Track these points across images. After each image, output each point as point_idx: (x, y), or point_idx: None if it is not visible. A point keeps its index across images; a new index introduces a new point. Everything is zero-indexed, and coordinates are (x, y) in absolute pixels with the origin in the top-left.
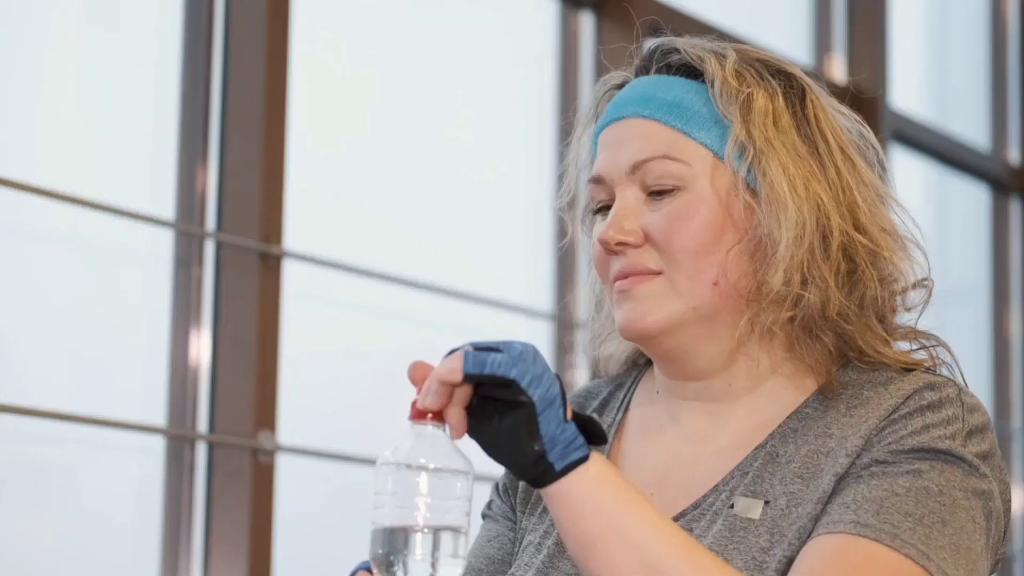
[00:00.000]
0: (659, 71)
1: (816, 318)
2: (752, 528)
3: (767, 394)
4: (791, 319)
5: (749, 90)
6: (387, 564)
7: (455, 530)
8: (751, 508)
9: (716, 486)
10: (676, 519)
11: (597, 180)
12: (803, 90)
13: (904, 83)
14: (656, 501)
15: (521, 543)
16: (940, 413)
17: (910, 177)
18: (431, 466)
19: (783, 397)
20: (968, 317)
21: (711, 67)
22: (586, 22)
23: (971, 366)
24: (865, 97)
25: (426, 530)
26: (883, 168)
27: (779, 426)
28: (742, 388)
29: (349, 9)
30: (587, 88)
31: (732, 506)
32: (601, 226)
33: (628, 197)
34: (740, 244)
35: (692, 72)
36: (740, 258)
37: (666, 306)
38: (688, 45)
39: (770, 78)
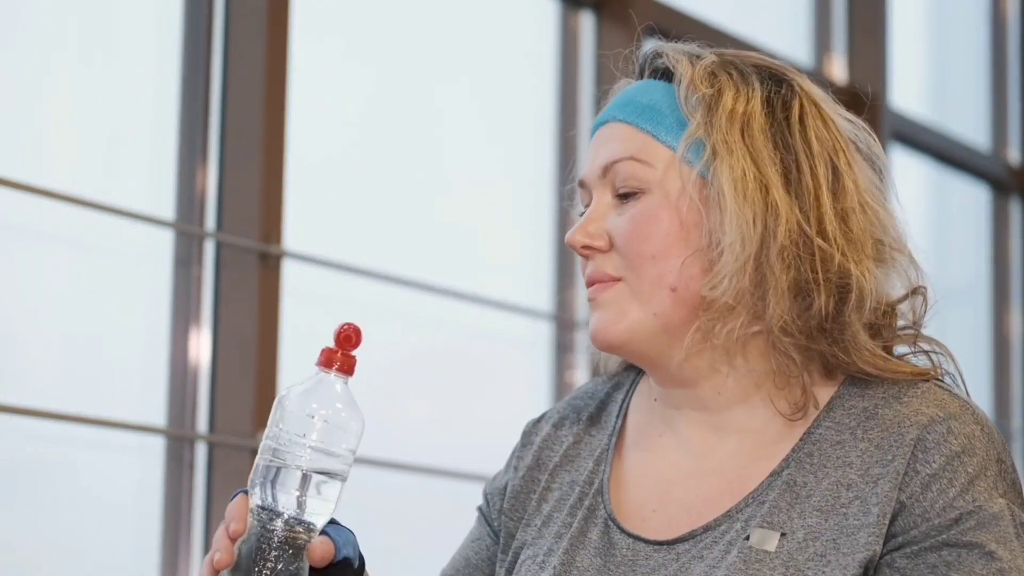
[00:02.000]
0: (648, 76)
1: (776, 331)
2: (767, 560)
3: (762, 406)
4: (758, 332)
5: (715, 90)
6: (260, 493)
7: (330, 475)
8: (767, 540)
9: (729, 512)
10: (684, 539)
11: (581, 184)
12: (792, 96)
13: (904, 83)
14: (659, 518)
15: (513, 554)
16: (975, 458)
17: (910, 177)
18: (322, 412)
19: (778, 410)
20: (968, 317)
21: (681, 68)
22: (586, 22)
23: (971, 366)
24: (865, 97)
25: (302, 471)
26: (884, 178)
27: (793, 450)
28: (732, 398)
29: (349, 9)
30: (587, 88)
31: (747, 538)
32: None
33: (600, 201)
34: (698, 250)
35: (672, 75)
36: (696, 264)
37: (628, 314)
38: (671, 48)
39: (756, 82)
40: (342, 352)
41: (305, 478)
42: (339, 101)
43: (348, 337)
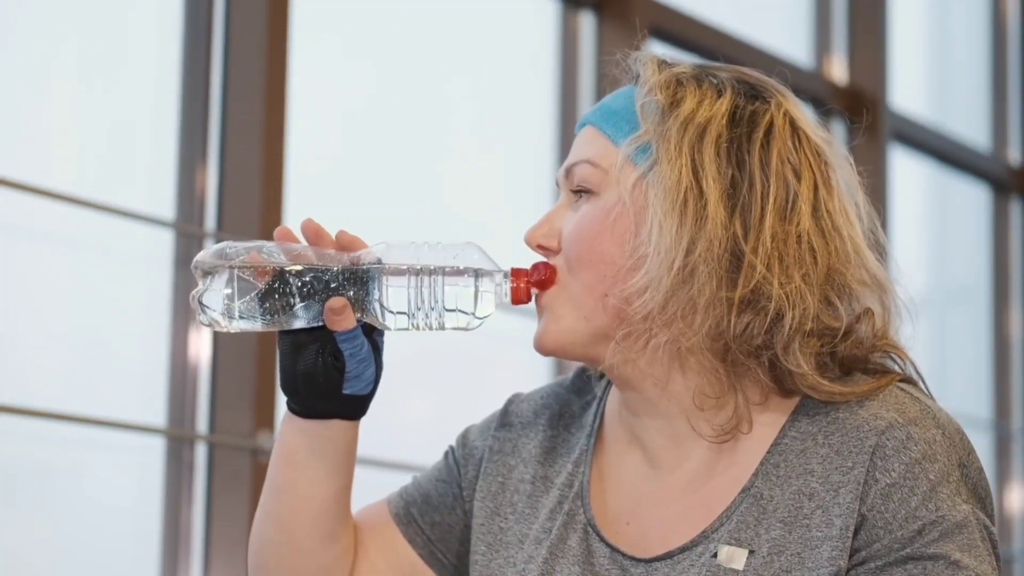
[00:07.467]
0: (630, 81)
1: (697, 347)
2: None
3: (724, 415)
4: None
5: (674, 97)
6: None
7: (414, 304)
8: (735, 558)
9: (705, 532)
10: (662, 558)
11: (557, 184)
12: (763, 112)
13: (904, 83)
14: (632, 531)
15: (476, 536)
16: (936, 464)
17: (910, 177)
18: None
19: (700, 433)
20: (968, 317)
21: (646, 73)
22: (586, 22)
23: (971, 366)
24: (865, 97)
25: (414, 268)
26: (863, 209)
27: (761, 463)
28: (689, 406)
29: (349, 9)
30: (587, 88)
31: (715, 555)
32: None
33: (561, 202)
34: (632, 257)
35: None
36: (628, 271)
37: (563, 318)
38: (649, 55)
39: (729, 94)
40: (526, 280)
41: (415, 279)
42: (339, 101)
43: (540, 272)
